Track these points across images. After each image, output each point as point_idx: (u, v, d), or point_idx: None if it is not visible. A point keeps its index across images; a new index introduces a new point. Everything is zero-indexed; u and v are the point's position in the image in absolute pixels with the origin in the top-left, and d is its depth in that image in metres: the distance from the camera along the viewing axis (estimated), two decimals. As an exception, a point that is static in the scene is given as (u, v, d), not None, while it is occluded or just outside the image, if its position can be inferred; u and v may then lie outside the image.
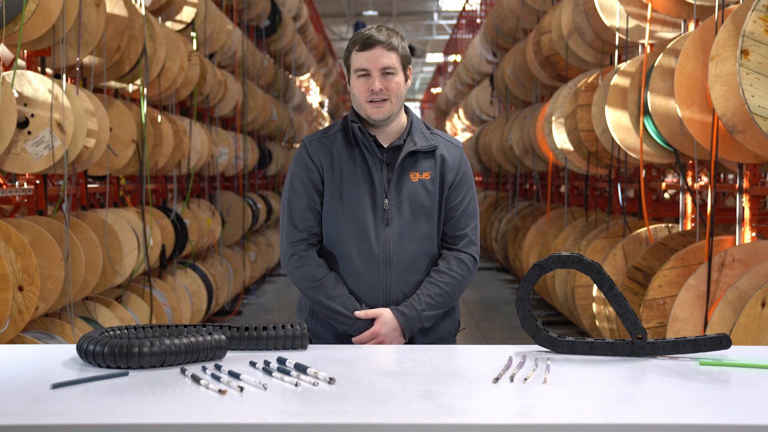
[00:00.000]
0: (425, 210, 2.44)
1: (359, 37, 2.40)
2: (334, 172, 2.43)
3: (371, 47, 2.37)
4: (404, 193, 2.42)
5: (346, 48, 2.47)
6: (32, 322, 4.29)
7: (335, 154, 2.45)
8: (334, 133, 2.48)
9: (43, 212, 4.43)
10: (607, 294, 2.16)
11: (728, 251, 4.11)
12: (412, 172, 2.44)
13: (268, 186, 11.97)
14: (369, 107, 2.40)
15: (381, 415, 1.63)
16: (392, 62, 2.39)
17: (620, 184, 6.45)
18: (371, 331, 2.39)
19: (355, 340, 2.41)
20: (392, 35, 2.40)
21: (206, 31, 7.30)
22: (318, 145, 2.46)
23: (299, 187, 2.46)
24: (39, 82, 4.08)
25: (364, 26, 23.64)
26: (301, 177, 2.46)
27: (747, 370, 1.98)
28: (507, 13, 9.95)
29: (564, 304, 6.85)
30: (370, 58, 2.38)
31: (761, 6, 3.24)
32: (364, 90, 2.39)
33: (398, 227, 2.42)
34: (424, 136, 2.48)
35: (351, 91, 2.45)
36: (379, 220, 2.41)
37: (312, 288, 2.42)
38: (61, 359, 2.05)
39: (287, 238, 2.46)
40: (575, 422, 1.61)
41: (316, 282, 2.42)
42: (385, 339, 2.39)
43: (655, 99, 4.63)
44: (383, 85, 2.38)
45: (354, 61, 2.41)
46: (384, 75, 2.38)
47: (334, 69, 21.60)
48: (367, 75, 2.39)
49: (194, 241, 6.84)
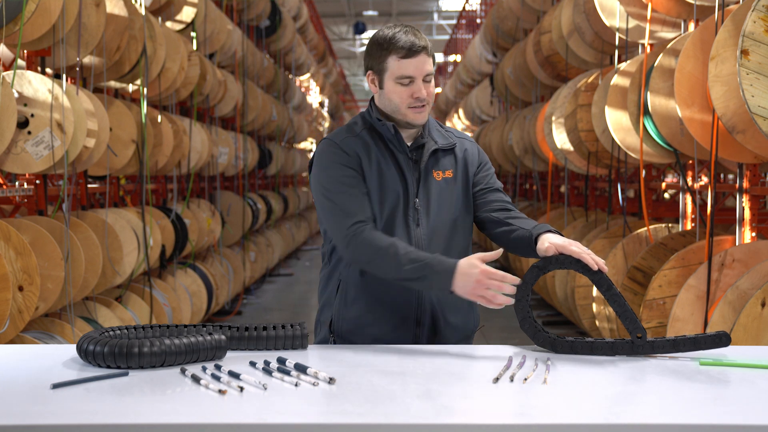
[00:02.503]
0: (451, 208, 2.43)
1: (401, 44, 2.33)
2: (371, 170, 2.37)
3: (417, 54, 2.33)
4: (432, 191, 2.41)
5: (378, 51, 2.37)
6: (32, 322, 4.29)
7: (371, 152, 2.39)
8: (360, 131, 2.42)
9: (43, 212, 4.43)
10: (606, 294, 2.16)
11: (728, 251, 4.11)
12: (435, 170, 2.43)
13: (268, 186, 11.97)
14: (410, 113, 2.36)
15: (381, 415, 1.63)
16: (431, 68, 2.37)
17: (620, 184, 6.45)
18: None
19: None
20: (424, 37, 2.38)
21: (206, 31, 7.30)
22: (352, 142, 2.39)
23: (344, 181, 2.33)
24: (39, 82, 4.08)
25: (364, 26, 23.33)
26: (343, 172, 2.34)
27: (747, 370, 1.98)
28: (507, 13, 9.94)
29: (564, 304, 6.85)
30: (415, 66, 2.33)
31: (761, 6, 3.24)
32: (406, 96, 2.35)
33: (428, 227, 2.39)
34: (440, 134, 2.48)
35: (386, 95, 2.38)
36: (411, 220, 2.38)
37: (391, 245, 2.23)
38: (61, 359, 2.05)
39: (345, 225, 2.29)
40: (575, 422, 1.61)
41: (389, 241, 2.25)
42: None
43: (655, 99, 4.63)
44: (426, 91, 2.35)
45: (395, 67, 2.34)
46: (425, 81, 2.35)
47: (334, 69, 21.60)
48: (410, 82, 2.35)
49: (194, 241, 6.84)
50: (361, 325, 2.39)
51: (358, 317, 2.40)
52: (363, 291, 2.39)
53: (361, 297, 2.39)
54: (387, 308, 2.38)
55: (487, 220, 2.45)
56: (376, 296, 2.38)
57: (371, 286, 2.38)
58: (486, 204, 2.46)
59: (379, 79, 2.39)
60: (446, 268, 2.17)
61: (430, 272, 2.18)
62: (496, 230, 2.43)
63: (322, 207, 2.37)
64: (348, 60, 32.68)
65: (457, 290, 2.16)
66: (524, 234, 2.32)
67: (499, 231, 2.42)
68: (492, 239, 2.46)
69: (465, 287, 2.14)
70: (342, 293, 2.41)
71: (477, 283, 2.12)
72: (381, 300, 2.38)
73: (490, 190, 2.48)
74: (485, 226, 2.47)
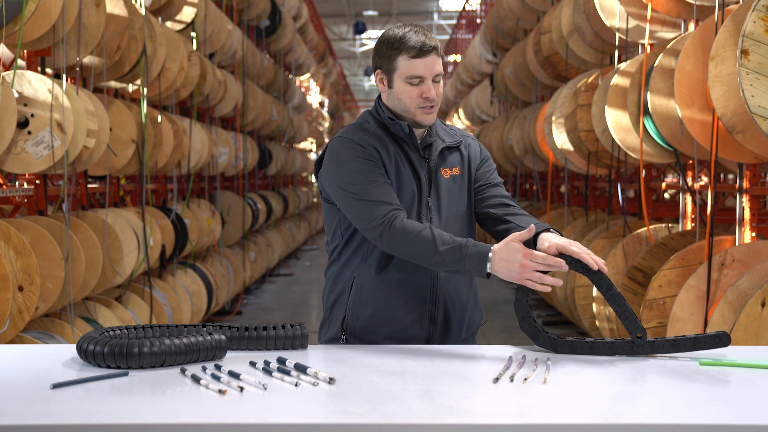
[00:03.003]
0: (459, 205, 2.44)
1: (411, 44, 2.32)
2: (391, 167, 2.37)
3: (427, 54, 2.32)
4: (441, 189, 2.41)
5: (388, 50, 2.36)
6: (32, 322, 4.28)
7: (389, 150, 2.38)
8: (374, 130, 2.41)
9: (43, 212, 4.43)
10: (606, 294, 2.16)
11: (728, 251, 4.11)
12: (444, 168, 2.43)
13: (268, 186, 11.97)
14: (419, 113, 2.36)
15: (381, 415, 1.63)
16: (441, 68, 2.37)
17: (620, 184, 6.45)
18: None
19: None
20: (433, 37, 2.37)
21: (206, 31, 7.30)
22: (369, 139, 2.38)
23: (367, 174, 2.30)
24: (39, 82, 4.08)
25: (364, 26, 23.32)
26: (365, 166, 2.32)
27: (747, 370, 1.98)
28: (507, 13, 9.94)
29: (564, 304, 6.85)
30: (426, 66, 2.32)
31: (761, 6, 3.24)
32: (416, 96, 2.34)
33: (440, 224, 2.39)
34: (446, 131, 2.49)
35: (395, 95, 2.37)
36: (424, 218, 2.39)
37: (424, 229, 2.22)
38: (61, 359, 2.05)
39: (377, 215, 2.26)
40: (575, 422, 1.61)
41: (423, 226, 2.24)
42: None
43: (655, 99, 4.63)
44: (436, 91, 2.35)
45: (405, 67, 2.33)
46: (435, 81, 2.35)
47: (334, 69, 21.59)
48: (420, 82, 2.34)
49: (194, 241, 6.84)
50: (376, 323, 2.39)
51: (373, 315, 2.39)
52: (378, 289, 2.38)
53: (376, 295, 2.38)
54: (402, 306, 2.38)
55: (485, 217, 2.46)
56: (392, 294, 2.38)
57: (386, 284, 2.38)
58: (485, 200, 2.46)
59: (388, 79, 2.38)
60: (480, 251, 2.16)
61: (465, 254, 2.17)
62: (494, 227, 2.44)
63: (346, 201, 2.33)
64: (348, 60, 32.68)
65: (501, 275, 2.14)
66: None
67: (498, 228, 2.42)
68: (491, 235, 2.46)
69: (510, 272, 2.12)
70: (356, 291, 2.40)
71: (522, 267, 2.10)
72: (396, 298, 2.38)
73: (489, 185, 2.48)
74: (484, 222, 2.48)
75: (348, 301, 2.41)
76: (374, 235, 2.27)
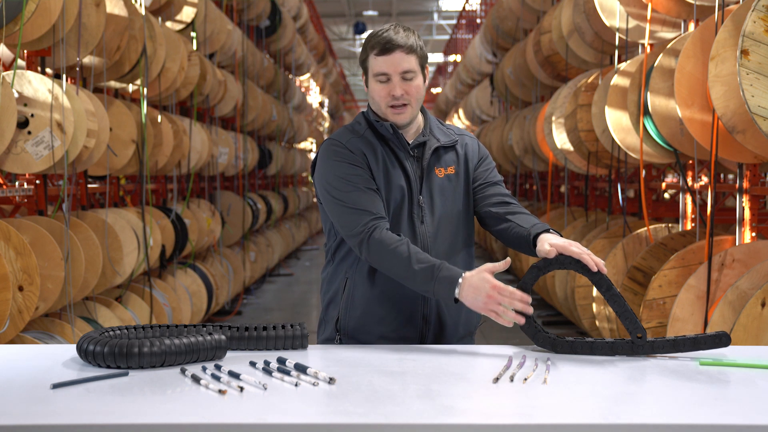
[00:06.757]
0: (454, 204, 2.43)
1: (377, 40, 2.33)
2: (378, 168, 2.37)
3: (390, 51, 2.31)
4: (434, 188, 2.41)
5: (363, 49, 2.39)
6: (32, 322, 4.29)
7: (377, 151, 2.38)
8: (363, 132, 2.41)
9: (43, 212, 4.43)
10: (606, 294, 2.16)
11: (728, 251, 4.11)
12: (437, 167, 2.42)
13: (268, 186, 11.97)
14: (390, 112, 2.36)
15: (381, 415, 1.63)
16: (412, 65, 2.33)
17: (620, 184, 6.45)
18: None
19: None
20: (410, 36, 2.34)
21: (206, 31, 7.31)
22: (357, 142, 2.38)
23: (353, 179, 2.31)
24: (39, 82, 4.08)
25: (364, 26, 23.37)
26: (351, 171, 2.33)
27: (747, 370, 1.98)
28: (507, 13, 9.94)
29: (564, 304, 6.85)
30: (390, 63, 2.31)
31: (761, 6, 3.24)
32: (385, 95, 2.34)
33: (433, 224, 2.39)
34: (442, 131, 2.48)
35: (370, 94, 2.39)
36: (416, 217, 2.38)
37: (401, 245, 2.22)
38: (61, 359, 2.05)
39: (358, 224, 2.27)
40: (575, 422, 1.61)
41: (401, 240, 2.24)
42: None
43: (655, 99, 4.63)
44: (404, 89, 2.33)
45: (373, 65, 2.34)
46: (404, 79, 2.33)
47: (334, 69, 21.59)
48: (387, 80, 2.33)
49: (194, 241, 6.84)
50: (369, 323, 2.39)
51: (365, 315, 2.39)
52: (370, 289, 2.38)
53: (368, 295, 2.38)
54: (395, 306, 2.38)
55: (486, 216, 2.45)
56: (384, 294, 2.37)
57: (379, 284, 2.37)
58: (485, 198, 2.46)
59: (365, 79, 2.41)
60: (452, 275, 2.16)
61: (436, 276, 2.17)
62: (495, 227, 2.43)
63: (331, 206, 2.35)
64: (348, 60, 32.67)
65: (467, 303, 2.15)
66: (522, 232, 2.32)
67: (498, 228, 2.42)
68: (492, 234, 2.46)
69: (476, 301, 2.13)
70: (349, 291, 2.40)
71: (488, 297, 2.11)
72: (388, 298, 2.37)
73: (489, 184, 2.47)
74: (484, 221, 2.48)
75: (341, 301, 2.42)
76: (354, 243, 2.30)
